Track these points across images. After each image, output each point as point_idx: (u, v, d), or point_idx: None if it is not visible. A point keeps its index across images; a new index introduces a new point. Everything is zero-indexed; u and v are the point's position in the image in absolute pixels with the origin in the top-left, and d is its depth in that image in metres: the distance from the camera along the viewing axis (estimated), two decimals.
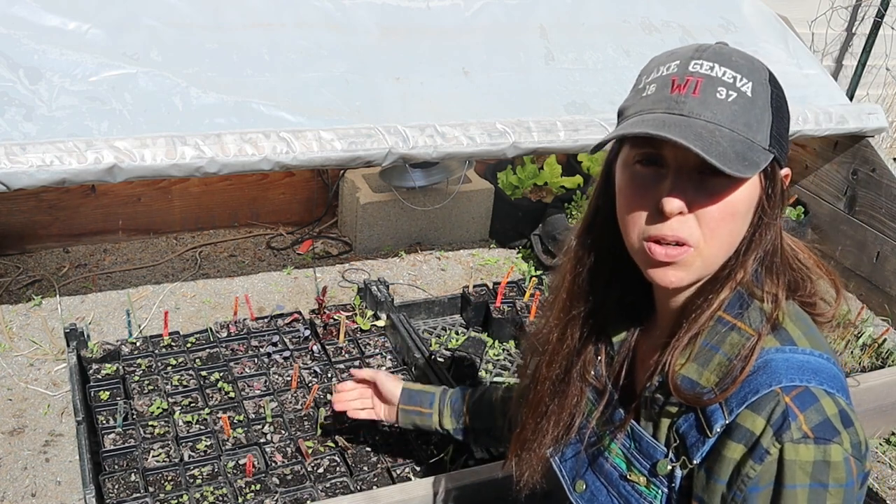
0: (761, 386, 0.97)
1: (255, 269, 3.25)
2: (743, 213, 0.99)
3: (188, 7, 2.35)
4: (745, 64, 0.99)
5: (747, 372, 0.98)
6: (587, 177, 3.73)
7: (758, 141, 0.96)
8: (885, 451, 2.75)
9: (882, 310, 3.29)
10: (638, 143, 1.00)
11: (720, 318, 1.03)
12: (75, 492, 2.16)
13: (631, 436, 1.12)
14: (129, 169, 2.02)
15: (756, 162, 0.94)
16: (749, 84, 0.97)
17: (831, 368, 1.01)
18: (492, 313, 2.86)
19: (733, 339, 1.02)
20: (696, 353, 1.04)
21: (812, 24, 4.52)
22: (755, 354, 0.99)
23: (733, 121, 0.95)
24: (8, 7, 2.13)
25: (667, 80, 0.99)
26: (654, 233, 0.99)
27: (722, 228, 0.98)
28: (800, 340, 1.02)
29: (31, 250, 3.17)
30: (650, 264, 1.01)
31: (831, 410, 0.95)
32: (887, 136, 5.10)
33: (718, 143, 0.93)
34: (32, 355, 2.63)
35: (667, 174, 0.98)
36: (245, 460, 2.10)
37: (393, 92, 2.44)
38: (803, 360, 0.99)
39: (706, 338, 1.04)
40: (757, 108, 0.97)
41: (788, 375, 0.97)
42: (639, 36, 2.94)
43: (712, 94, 0.96)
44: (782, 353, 1.00)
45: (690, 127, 0.94)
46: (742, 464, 0.96)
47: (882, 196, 3.25)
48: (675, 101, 0.97)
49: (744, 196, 0.98)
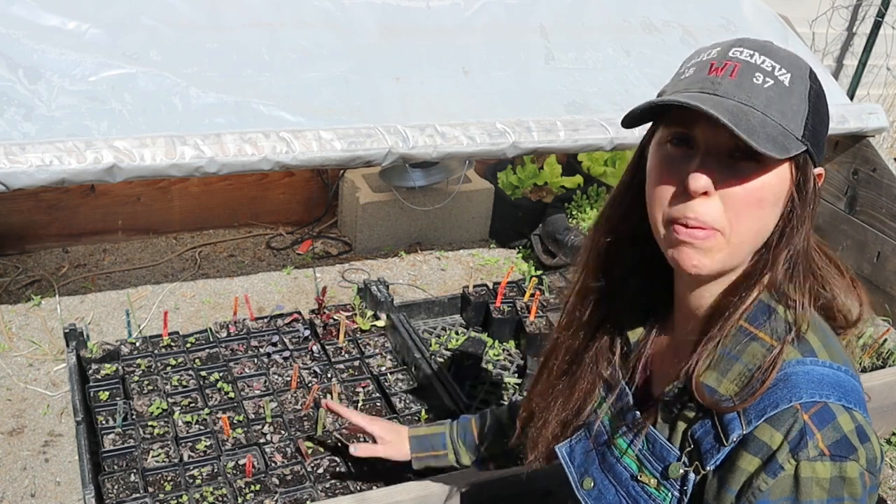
0: (781, 400, 0.96)
1: (255, 269, 3.25)
2: (771, 202, 0.98)
3: (188, 7, 2.34)
4: (787, 57, 0.99)
5: (768, 385, 0.97)
6: (587, 177, 3.72)
7: (791, 129, 0.96)
8: (885, 451, 2.75)
9: (882, 310, 3.29)
10: (671, 123, 1.00)
11: (741, 328, 1.02)
12: (75, 492, 2.16)
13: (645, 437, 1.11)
14: (129, 169, 2.02)
15: (787, 147, 0.94)
16: (788, 75, 0.97)
17: (850, 381, 1.00)
18: (492, 313, 2.86)
19: (754, 349, 1.01)
20: (716, 361, 1.02)
21: (813, 24, 4.52)
22: (777, 367, 0.98)
23: (767, 105, 0.95)
24: (7, 6, 2.13)
25: (705, 64, 0.99)
26: (677, 214, 0.98)
27: (748, 214, 0.97)
28: (820, 352, 1.00)
29: (30, 250, 3.17)
30: (672, 243, 1.00)
31: (848, 427, 0.95)
32: (888, 135, 5.10)
33: (749, 121, 0.92)
34: (32, 355, 2.63)
35: (696, 155, 0.98)
36: (245, 460, 2.10)
37: (393, 92, 2.44)
38: (823, 372, 0.98)
39: (727, 347, 1.02)
40: (794, 98, 0.97)
41: (808, 391, 0.96)
42: (639, 36, 2.93)
43: (748, 79, 0.96)
44: (803, 366, 0.98)
45: (723, 104, 0.93)
46: (755, 476, 0.95)
47: (883, 196, 3.25)
48: (711, 81, 0.97)
49: (772, 183, 0.97)
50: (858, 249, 3.39)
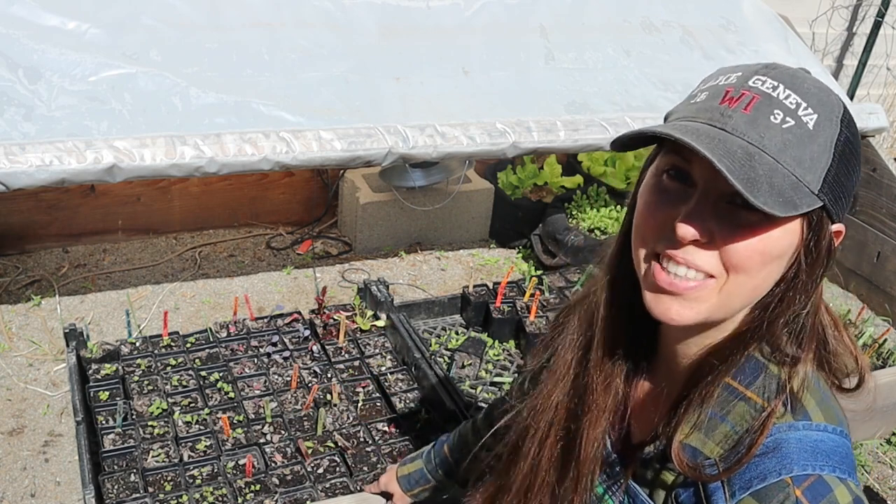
0: (769, 473, 0.86)
1: (255, 268, 3.25)
2: (776, 258, 0.86)
3: (188, 7, 2.34)
4: (817, 93, 0.85)
5: (755, 451, 0.87)
6: (587, 177, 3.73)
7: (806, 181, 0.82)
8: (885, 451, 2.75)
9: (882, 310, 3.29)
10: (669, 152, 0.89)
11: (727, 385, 0.91)
12: (75, 492, 2.16)
13: (626, 491, 1.02)
14: (129, 169, 2.02)
15: (795, 203, 0.81)
16: (814, 116, 0.83)
17: (844, 446, 0.91)
18: (492, 313, 2.85)
19: (742, 409, 0.90)
20: (702, 421, 0.92)
21: (813, 24, 4.52)
22: (766, 431, 0.88)
23: (781, 150, 0.82)
24: (7, 6, 2.13)
25: (720, 91, 0.86)
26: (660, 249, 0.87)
27: (750, 268, 0.85)
28: (815, 413, 0.90)
29: (30, 250, 3.17)
30: (651, 286, 0.89)
31: (845, 500, 0.86)
32: (888, 135, 5.10)
33: (753, 168, 0.80)
34: (32, 355, 2.63)
35: (692, 195, 0.86)
36: (245, 460, 2.10)
37: (393, 92, 2.44)
38: (818, 438, 0.89)
39: (713, 407, 0.92)
40: (816, 144, 0.83)
41: (800, 462, 0.86)
42: (639, 36, 2.93)
43: (765, 116, 0.82)
44: (795, 432, 0.89)
45: (726, 143, 0.81)
46: None
47: (883, 196, 3.25)
48: (721, 113, 0.84)
49: (777, 238, 0.84)
50: (858, 249, 3.39)
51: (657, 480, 0.97)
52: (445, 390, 2.41)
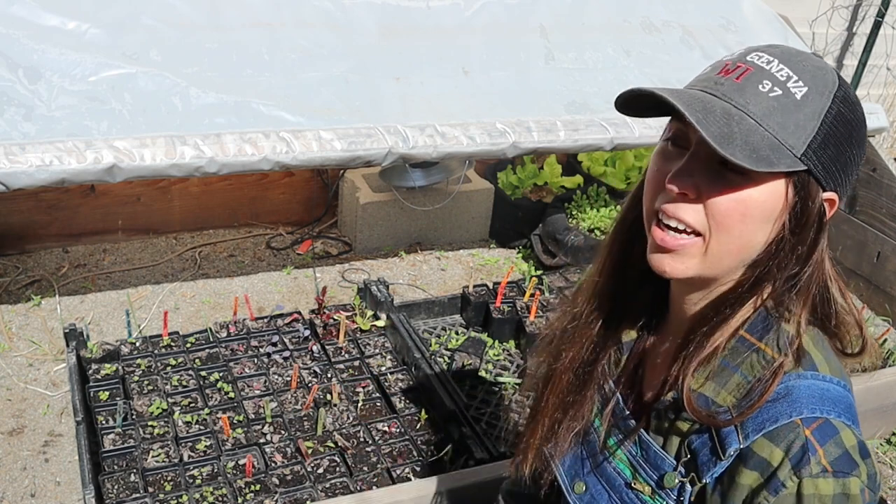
0: (781, 415, 0.93)
1: (255, 268, 3.25)
2: (758, 218, 0.92)
3: (188, 7, 2.34)
4: (812, 70, 0.91)
5: (767, 397, 0.94)
6: (587, 177, 3.73)
7: (788, 144, 0.88)
8: (885, 451, 2.75)
9: (882, 310, 3.29)
10: (674, 119, 0.97)
11: (742, 339, 0.98)
12: (75, 492, 2.16)
13: (638, 443, 1.08)
14: (129, 169, 2.02)
15: (771, 161, 0.87)
16: (804, 89, 0.90)
17: (848, 398, 0.98)
18: (492, 313, 2.85)
19: (753, 360, 0.97)
20: (714, 372, 0.99)
21: (813, 24, 4.52)
22: (777, 379, 0.94)
23: (766, 115, 0.88)
24: (7, 6, 2.13)
25: (720, 64, 0.95)
26: (657, 205, 0.96)
27: (730, 225, 0.92)
28: (821, 366, 0.97)
29: (30, 250, 3.17)
30: (651, 246, 0.98)
31: (850, 443, 0.93)
32: (888, 135, 5.10)
33: (729, 125, 0.86)
34: (32, 355, 2.63)
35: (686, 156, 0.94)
36: (245, 460, 2.10)
37: (393, 92, 2.44)
38: (824, 387, 0.96)
39: (727, 357, 0.99)
40: (802, 113, 0.89)
41: (809, 405, 0.94)
42: (639, 36, 2.93)
43: (754, 85, 0.90)
44: (803, 380, 0.95)
45: (707, 104, 0.88)
46: (756, 493, 0.94)
47: (883, 196, 3.25)
48: (715, 81, 0.92)
49: (760, 200, 0.91)
50: (858, 249, 3.39)
51: (672, 428, 1.03)
52: (445, 390, 2.41)
